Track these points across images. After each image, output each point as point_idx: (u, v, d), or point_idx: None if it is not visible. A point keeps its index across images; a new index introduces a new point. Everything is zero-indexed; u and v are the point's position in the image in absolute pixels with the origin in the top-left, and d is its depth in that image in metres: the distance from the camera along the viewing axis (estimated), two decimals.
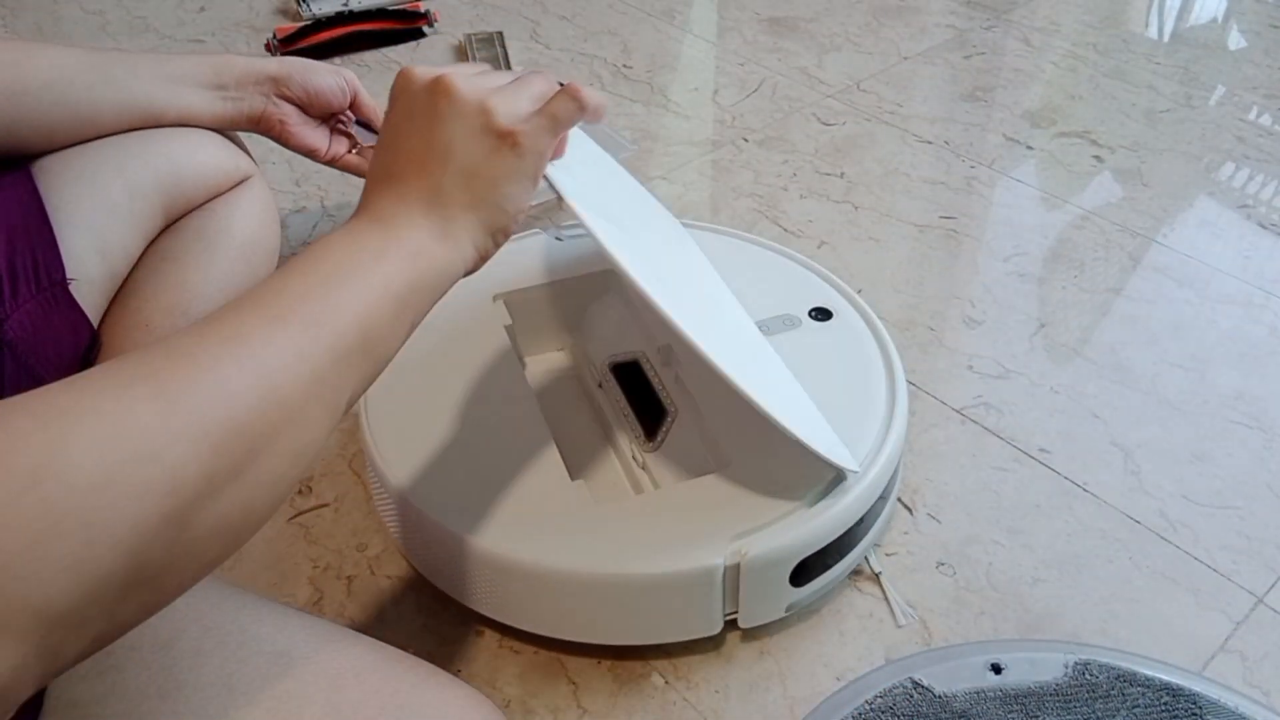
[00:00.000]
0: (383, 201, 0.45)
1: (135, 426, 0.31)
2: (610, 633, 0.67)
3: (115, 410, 0.31)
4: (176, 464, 0.31)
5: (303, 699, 0.44)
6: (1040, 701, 0.62)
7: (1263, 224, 1.11)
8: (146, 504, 0.30)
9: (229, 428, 0.33)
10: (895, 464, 0.72)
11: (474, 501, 0.67)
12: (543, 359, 0.88)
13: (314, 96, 0.78)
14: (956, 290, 1.01)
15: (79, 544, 0.29)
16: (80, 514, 0.29)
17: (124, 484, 0.30)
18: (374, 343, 0.40)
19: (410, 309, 0.43)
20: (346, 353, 0.39)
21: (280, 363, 0.36)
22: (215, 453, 0.33)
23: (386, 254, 0.42)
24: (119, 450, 0.30)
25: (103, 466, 0.29)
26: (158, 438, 0.31)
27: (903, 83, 1.38)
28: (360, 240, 0.42)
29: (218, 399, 0.33)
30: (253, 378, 0.35)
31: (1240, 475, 0.82)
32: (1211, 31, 1.54)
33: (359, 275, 0.40)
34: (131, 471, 0.30)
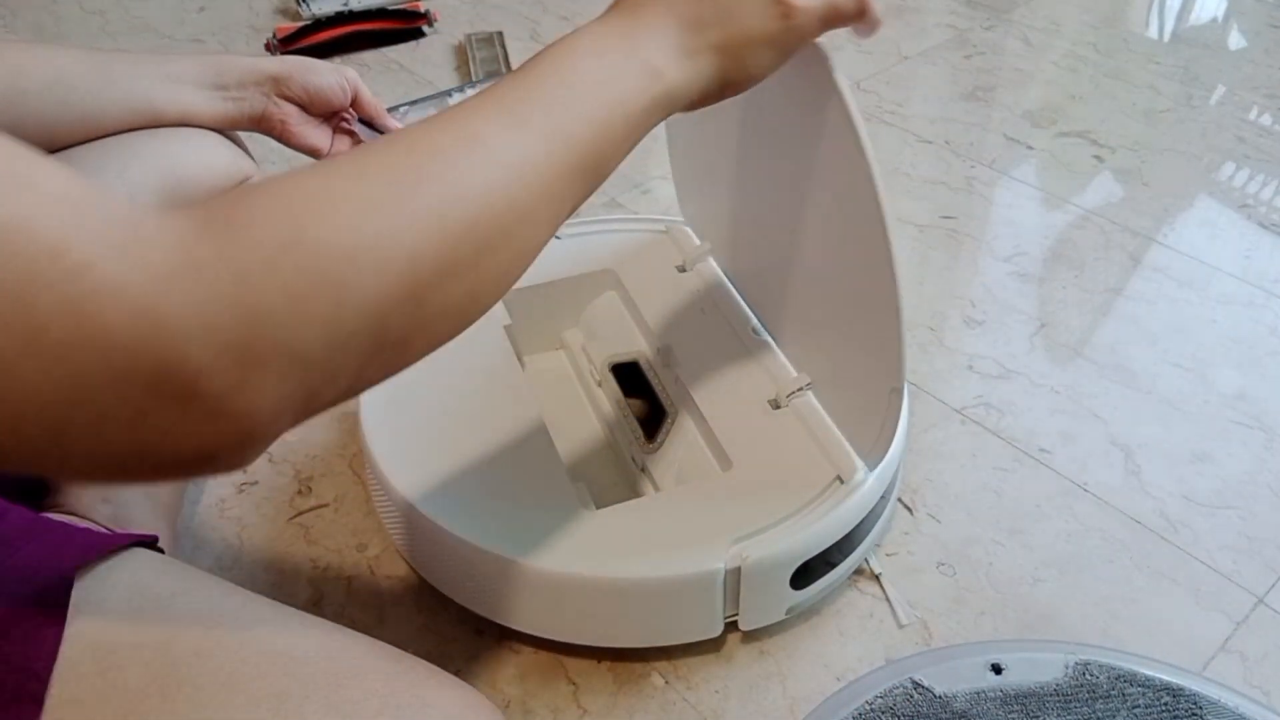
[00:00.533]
0: (643, 13, 0.44)
1: (377, 211, 0.34)
2: (610, 636, 0.67)
3: (359, 194, 0.34)
4: (414, 248, 0.34)
5: (303, 698, 0.44)
6: (1040, 702, 0.62)
7: (1263, 224, 1.11)
8: (387, 279, 0.34)
9: (464, 223, 0.36)
10: (895, 464, 0.72)
11: (473, 504, 0.67)
12: (542, 359, 0.88)
13: (315, 96, 0.78)
14: (956, 290, 1.01)
15: (329, 304, 0.32)
16: (329, 279, 0.32)
17: (367, 258, 0.33)
18: (602, 160, 0.42)
19: (638, 130, 0.44)
20: (578, 167, 0.41)
21: (517, 170, 0.38)
22: (449, 243, 0.36)
23: (629, 71, 0.42)
24: (363, 229, 0.33)
25: (349, 241, 0.33)
26: (397, 223, 0.34)
27: (903, 83, 1.38)
28: (606, 49, 0.43)
29: (455, 196, 0.36)
30: (490, 180, 0.37)
31: (1240, 475, 0.82)
32: (1211, 31, 1.54)
33: (601, 90, 0.41)
34: (374, 248, 0.33)
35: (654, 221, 0.94)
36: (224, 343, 0.31)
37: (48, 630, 0.43)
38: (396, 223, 0.34)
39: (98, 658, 0.42)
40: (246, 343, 0.31)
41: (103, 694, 0.42)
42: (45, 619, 0.43)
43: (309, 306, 0.32)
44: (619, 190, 1.15)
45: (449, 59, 1.42)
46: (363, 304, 0.33)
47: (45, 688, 0.41)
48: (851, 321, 0.67)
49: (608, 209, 1.12)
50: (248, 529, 0.78)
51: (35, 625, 0.42)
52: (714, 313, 0.83)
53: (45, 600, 0.43)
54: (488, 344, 0.80)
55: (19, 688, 0.41)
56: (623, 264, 0.88)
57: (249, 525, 0.78)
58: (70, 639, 0.42)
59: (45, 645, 0.42)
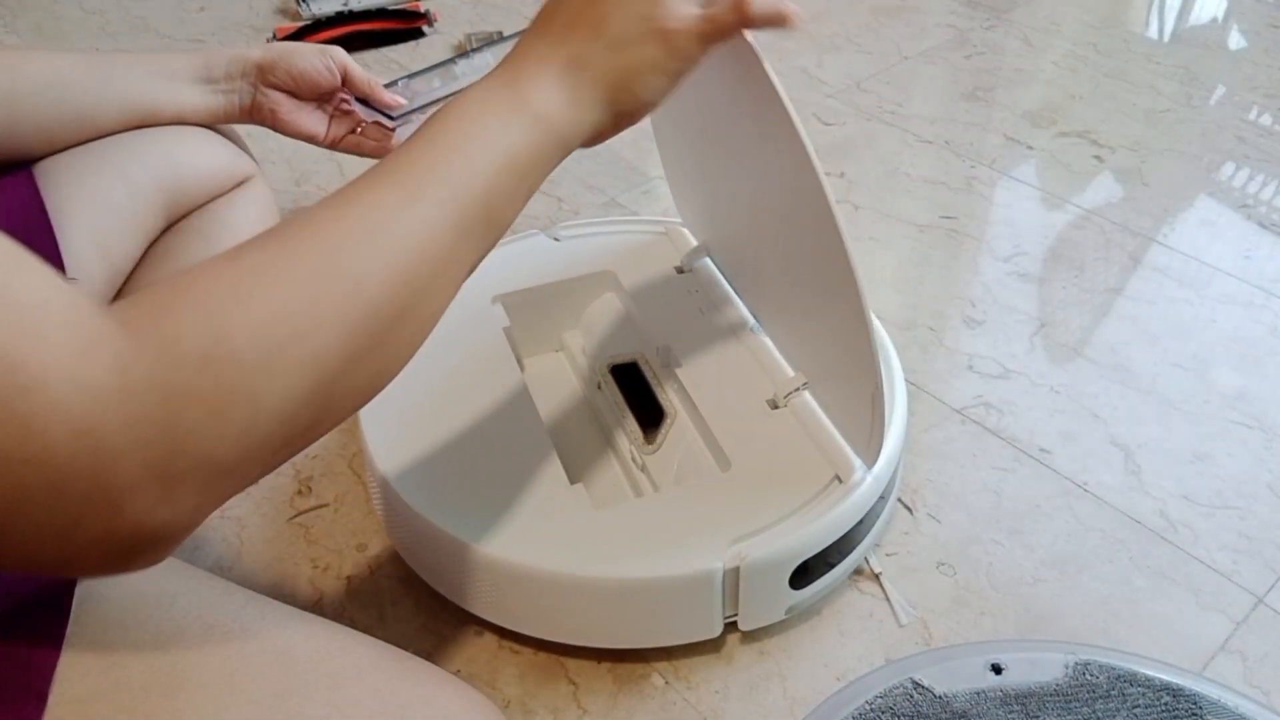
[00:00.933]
0: (525, 61, 0.45)
1: (286, 315, 0.35)
2: (609, 636, 0.67)
3: (269, 297, 0.35)
4: (321, 347, 0.36)
5: (304, 697, 0.44)
6: (1040, 702, 0.62)
7: (1263, 224, 1.11)
8: (297, 381, 0.36)
9: (367, 312, 0.38)
10: (895, 464, 0.72)
11: (472, 505, 0.67)
12: (541, 360, 0.88)
13: (300, 80, 0.78)
14: (956, 290, 1.01)
15: (246, 416, 0.34)
16: (246, 392, 0.34)
17: (279, 365, 0.35)
18: (499, 214, 0.43)
19: (532, 178, 0.44)
20: (474, 226, 0.41)
21: (416, 246, 0.39)
22: (354, 335, 0.37)
23: (512, 122, 0.43)
24: (274, 335, 0.35)
25: (263, 348, 0.35)
26: (304, 324, 0.36)
27: (903, 83, 1.38)
28: (492, 104, 0.43)
29: (357, 288, 0.37)
30: (390, 263, 0.38)
31: (1240, 475, 0.82)
32: (1211, 31, 1.54)
33: (489, 147, 0.42)
34: (284, 354, 0.35)
35: (652, 222, 0.94)
36: (151, 461, 0.32)
37: (52, 627, 0.43)
38: (303, 324, 0.36)
39: (100, 655, 0.43)
40: (171, 460, 0.33)
41: (104, 692, 0.42)
42: (49, 616, 0.43)
43: (227, 420, 0.34)
44: (619, 191, 1.15)
45: None
46: (275, 409, 0.35)
47: (49, 684, 0.41)
48: (829, 324, 0.67)
49: (607, 209, 1.12)
50: (248, 529, 0.78)
51: (39, 622, 0.43)
52: (712, 313, 0.83)
53: (48, 598, 0.43)
54: (487, 346, 0.80)
55: (23, 684, 0.41)
56: (621, 265, 0.88)
57: (249, 525, 0.78)
58: (72, 637, 0.42)
59: (49, 642, 0.42)
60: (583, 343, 0.87)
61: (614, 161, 1.20)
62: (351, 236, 0.38)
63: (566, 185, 1.16)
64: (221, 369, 0.34)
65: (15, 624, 0.42)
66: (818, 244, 0.62)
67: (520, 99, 0.44)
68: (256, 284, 0.36)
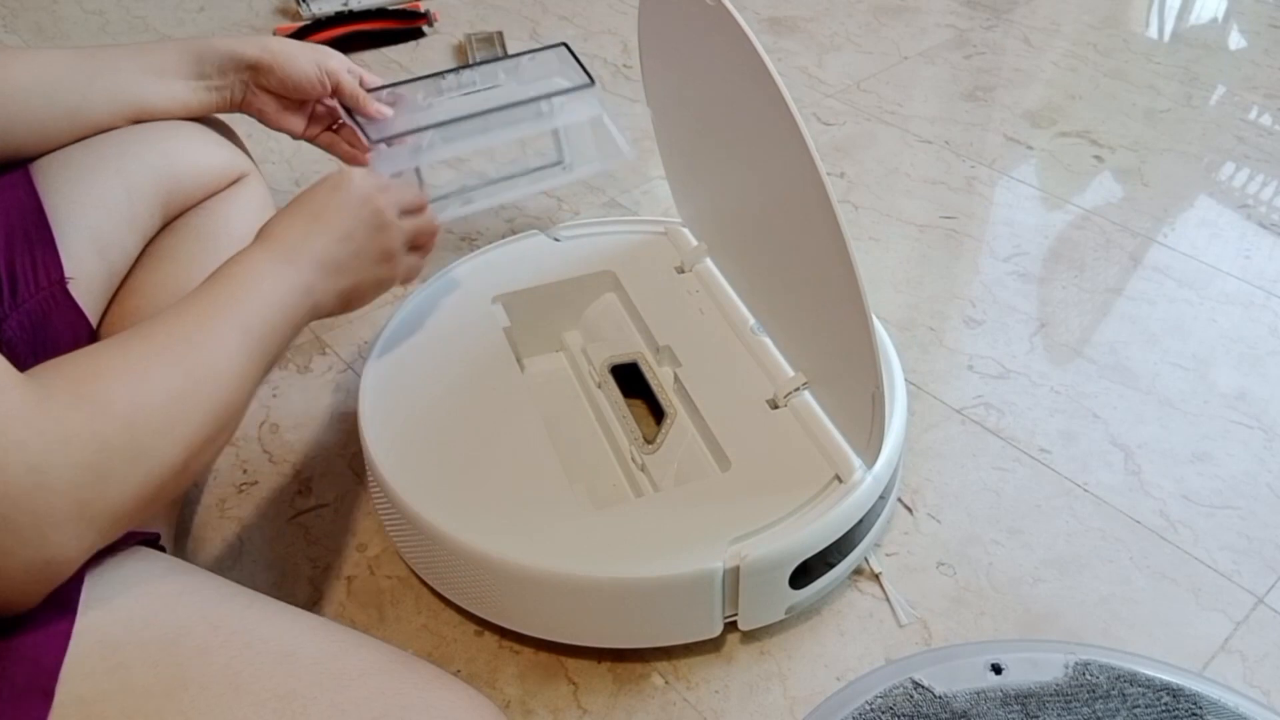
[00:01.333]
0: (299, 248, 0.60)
1: (176, 394, 0.47)
2: (609, 636, 0.67)
3: (164, 382, 0.46)
4: (195, 419, 0.47)
5: (308, 699, 0.44)
6: (1040, 701, 0.62)
7: (1263, 224, 1.11)
8: (181, 442, 0.46)
9: (219, 399, 0.49)
10: (895, 464, 0.72)
11: (472, 505, 0.67)
12: (541, 360, 0.88)
13: (291, 89, 0.78)
14: (956, 290, 1.01)
15: (149, 467, 0.44)
16: (152, 447, 0.44)
17: (172, 430, 0.46)
18: (280, 346, 0.57)
19: (297, 328, 0.59)
20: (265, 355, 0.55)
21: (233, 366, 0.51)
22: (213, 411, 0.49)
23: (294, 290, 0.58)
24: (169, 408, 0.46)
25: (162, 418, 0.45)
26: (186, 401, 0.47)
27: (903, 83, 1.38)
28: (275, 274, 0.58)
29: (213, 381, 0.49)
30: (227, 366, 0.51)
31: (1240, 475, 0.82)
32: (1211, 31, 1.54)
33: (274, 302, 0.56)
34: (176, 421, 0.46)
35: (652, 223, 0.94)
36: (80, 500, 0.40)
37: (59, 624, 0.43)
38: (185, 402, 0.47)
39: (105, 655, 0.43)
40: (92, 502, 0.41)
41: (109, 692, 0.42)
42: (56, 614, 0.43)
43: (136, 470, 0.43)
44: (619, 191, 1.15)
45: (449, 59, 1.42)
46: (168, 463, 0.45)
47: (55, 681, 0.41)
48: (829, 323, 0.67)
49: (607, 209, 1.12)
50: (248, 529, 0.78)
51: (46, 619, 0.43)
52: (712, 313, 0.83)
53: (56, 595, 0.43)
54: (487, 346, 0.80)
55: (29, 681, 0.41)
56: (622, 265, 0.88)
57: (249, 525, 0.78)
58: (78, 635, 0.43)
59: (56, 640, 0.42)
60: (583, 343, 0.87)
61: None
62: (208, 349, 0.50)
63: (567, 185, 1.16)
64: (137, 429, 0.43)
65: (22, 621, 0.42)
66: (819, 244, 0.62)
67: (298, 275, 0.59)
68: (154, 369, 0.46)
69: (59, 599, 0.43)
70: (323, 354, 0.94)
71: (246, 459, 0.84)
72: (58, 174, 0.68)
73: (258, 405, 0.88)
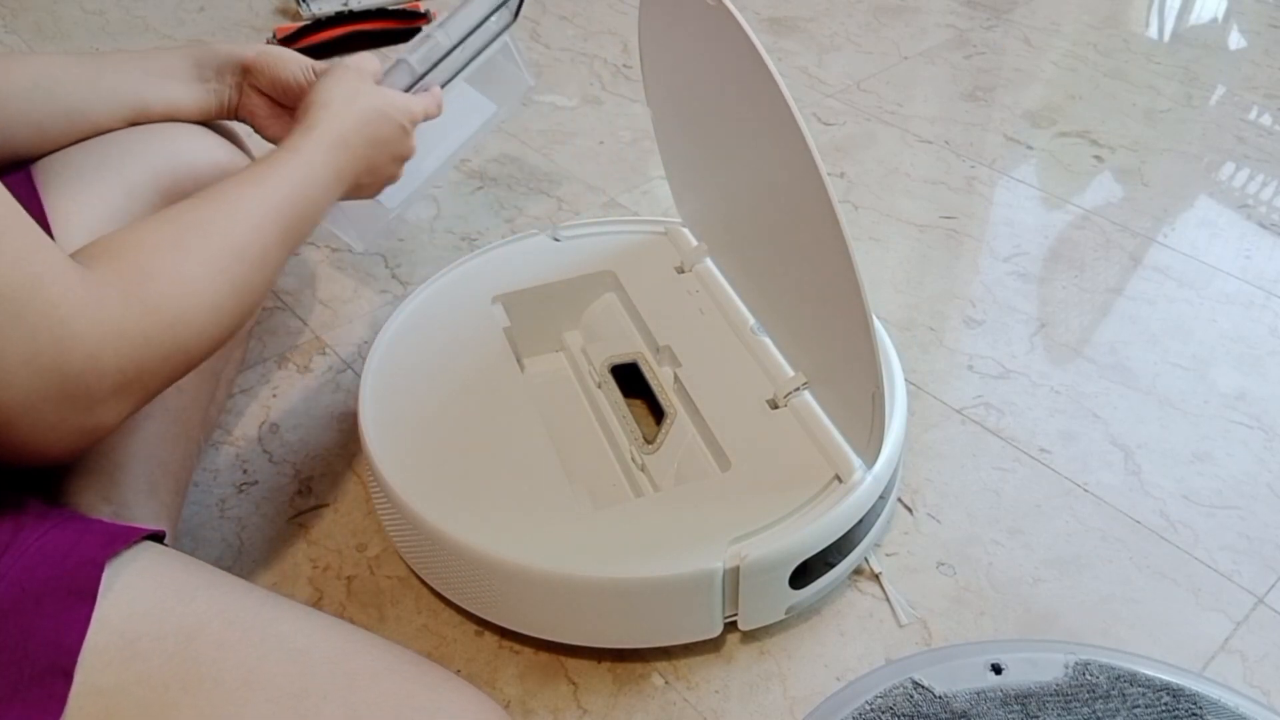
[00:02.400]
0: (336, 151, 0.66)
1: (208, 261, 0.52)
2: (609, 636, 0.67)
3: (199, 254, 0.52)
4: (222, 286, 0.52)
5: (321, 698, 0.45)
6: (1040, 701, 0.62)
7: (1263, 224, 1.11)
8: (204, 346, 0.51)
9: (245, 267, 0.54)
10: (895, 464, 0.72)
11: (472, 504, 0.67)
12: (541, 360, 0.88)
13: (281, 91, 0.79)
14: (956, 290, 1.01)
15: (178, 362, 0.50)
16: (188, 315, 0.50)
17: (202, 298, 0.51)
18: (305, 222, 0.62)
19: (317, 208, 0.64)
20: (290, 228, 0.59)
21: (265, 227, 0.56)
22: (236, 278, 0.53)
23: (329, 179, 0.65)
24: (201, 278, 0.51)
25: (193, 289, 0.50)
26: (214, 270, 0.52)
27: (903, 83, 1.38)
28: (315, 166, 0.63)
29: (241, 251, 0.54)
30: (251, 237, 0.55)
31: (1240, 475, 0.82)
32: (1211, 31, 1.54)
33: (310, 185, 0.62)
34: (204, 290, 0.51)
35: (653, 223, 0.94)
36: (125, 372, 0.46)
37: (79, 609, 0.43)
38: (213, 271, 0.52)
39: (122, 646, 0.43)
40: (133, 382, 0.47)
41: (126, 683, 0.43)
42: (76, 599, 0.44)
43: (172, 363, 0.49)
44: (619, 191, 1.15)
45: None
46: (196, 355, 0.51)
47: (74, 661, 0.42)
48: (829, 323, 0.67)
49: (607, 209, 1.12)
50: (248, 529, 0.78)
51: (66, 604, 0.43)
52: (712, 313, 0.83)
53: (76, 583, 0.44)
54: (487, 346, 0.80)
55: (50, 662, 0.42)
56: (622, 265, 0.88)
57: (249, 525, 0.78)
58: (96, 625, 0.43)
59: (76, 624, 0.43)
60: (583, 343, 0.87)
61: (614, 161, 1.20)
62: (234, 228, 0.55)
63: (566, 185, 1.16)
64: (179, 330, 0.49)
65: (43, 603, 0.43)
66: (819, 243, 0.62)
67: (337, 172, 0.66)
68: (190, 243, 0.51)
69: (78, 585, 0.44)
70: (323, 354, 0.94)
71: (246, 459, 0.84)
72: (57, 174, 0.68)
73: (258, 405, 0.88)
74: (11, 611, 0.42)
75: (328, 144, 0.65)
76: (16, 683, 0.41)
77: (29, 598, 0.43)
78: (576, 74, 1.39)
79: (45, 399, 0.43)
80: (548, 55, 1.43)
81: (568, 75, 1.39)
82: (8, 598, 0.42)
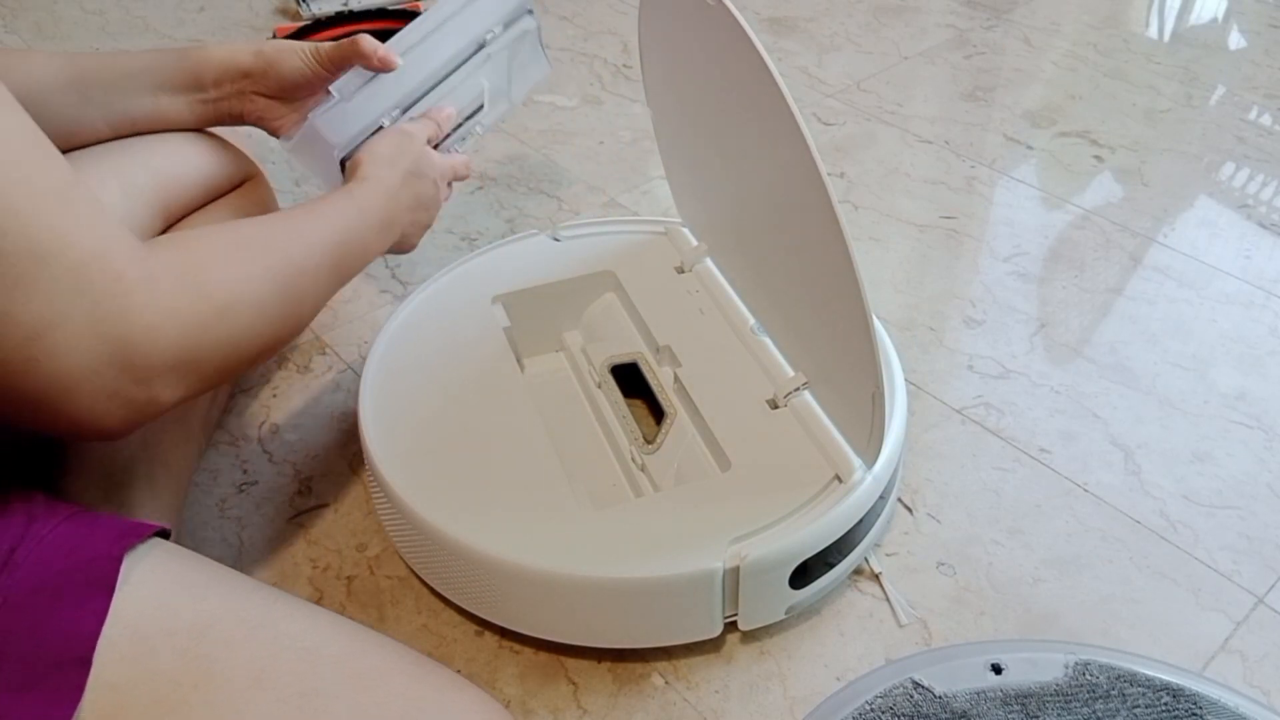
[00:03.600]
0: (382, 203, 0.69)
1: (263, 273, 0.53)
2: (609, 636, 0.67)
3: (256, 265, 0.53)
4: (271, 295, 0.54)
5: (329, 697, 0.45)
6: (1040, 701, 0.63)
7: (1263, 224, 1.11)
8: (251, 344, 0.52)
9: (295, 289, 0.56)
10: (895, 464, 0.72)
11: (472, 504, 0.67)
12: (541, 360, 0.88)
13: (290, 89, 0.77)
14: (956, 290, 1.01)
15: (227, 351, 0.50)
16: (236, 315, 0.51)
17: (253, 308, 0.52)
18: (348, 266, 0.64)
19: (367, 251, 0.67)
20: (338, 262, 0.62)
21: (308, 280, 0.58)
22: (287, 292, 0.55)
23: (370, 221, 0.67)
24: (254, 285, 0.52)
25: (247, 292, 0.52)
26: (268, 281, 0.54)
27: (903, 83, 1.38)
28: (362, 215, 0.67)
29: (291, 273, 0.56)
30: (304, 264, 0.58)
31: (1240, 475, 0.82)
32: (1211, 31, 1.54)
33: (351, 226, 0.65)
34: (254, 298, 0.52)
35: (653, 223, 0.94)
36: (181, 354, 0.47)
37: (97, 601, 0.44)
38: (267, 282, 0.53)
39: (134, 642, 0.44)
40: (188, 363, 0.47)
41: (137, 679, 0.43)
42: (94, 591, 0.44)
43: (221, 351, 0.49)
44: (619, 191, 1.15)
45: None
46: (245, 351, 0.52)
47: (92, 650, 0.42)
48: (830, 323, 0.67)
49: (607, 209, 1.12)
50: (248, 529, 0.78)
51: (85, 596, 0.44)
52: (712, 313, 0.83)
53: (93, 575, 0.44)
54: (487, 346, 0.80)
55: (68, 652, 0.42)
56: (622, 265, 0.88)
57: (249, 525, 0.78)
58: (109, 620, 0.43)
59: (94, 615, 0.43)
60: (583, 343, 0.87)
61: (614, 161, 1.20)
62: (290, 245, 0.57)
63: (566, 185, 1.16)
64: (228, 318, 0.50)
65: (61, 594, 0.43)
66: (819, 243, 0.62)
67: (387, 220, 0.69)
68: (252, 270, 0.53)
69: (96, 578, 0.44)
70: (323, 354, 0.94)
71: (246, 459, 0.84)
72: None
73: (258, 405, 0.88)
74: (28, 602, 0.43)
75: (380, 193, 0.68)
76: (34, 672, 0.41)
77: (46, 589, 0.43)
78: (576, 74, 1.39)
79: (108, 366, 0.43)
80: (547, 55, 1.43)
81: (568, 75, 1.39)
82: (25, 589, 0.43)
